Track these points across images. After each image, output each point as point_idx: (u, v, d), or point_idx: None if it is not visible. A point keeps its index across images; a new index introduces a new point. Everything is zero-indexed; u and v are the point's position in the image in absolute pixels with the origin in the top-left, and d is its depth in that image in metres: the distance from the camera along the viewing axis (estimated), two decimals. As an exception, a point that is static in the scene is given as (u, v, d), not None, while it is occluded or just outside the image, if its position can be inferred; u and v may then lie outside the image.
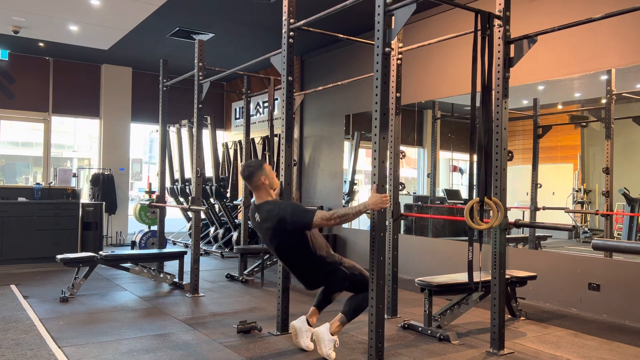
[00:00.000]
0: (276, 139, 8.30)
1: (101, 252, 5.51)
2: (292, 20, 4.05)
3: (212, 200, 9.19)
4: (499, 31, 3.67)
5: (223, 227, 9.21)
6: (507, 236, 3.96)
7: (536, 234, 5.89)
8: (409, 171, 8.04)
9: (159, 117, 6.61)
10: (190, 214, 8.22)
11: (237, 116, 11.20)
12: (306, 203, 8.88)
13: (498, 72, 3.68)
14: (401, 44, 4.73)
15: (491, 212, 3.57)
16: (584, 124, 6.07)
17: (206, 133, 8.98)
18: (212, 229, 9.45)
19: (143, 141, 15.88)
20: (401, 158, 5.00)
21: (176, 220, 11.12)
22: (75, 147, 14.40)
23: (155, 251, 6.53)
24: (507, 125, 3.70)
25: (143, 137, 15.21)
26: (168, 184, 9.60)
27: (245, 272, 6.31)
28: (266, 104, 10.06)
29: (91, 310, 4.76)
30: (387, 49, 3.13)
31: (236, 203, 9.20)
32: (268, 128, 7.62)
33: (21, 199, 7.47)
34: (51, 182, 8.21)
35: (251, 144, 8.46)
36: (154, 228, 8.77)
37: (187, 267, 5.74)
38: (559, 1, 5.27)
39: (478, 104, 3.59)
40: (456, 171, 7.46)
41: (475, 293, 4.19)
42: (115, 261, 5.60)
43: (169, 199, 9.49)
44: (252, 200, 3.72)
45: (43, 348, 3.61)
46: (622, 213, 5.32)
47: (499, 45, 3.68)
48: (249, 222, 8.45)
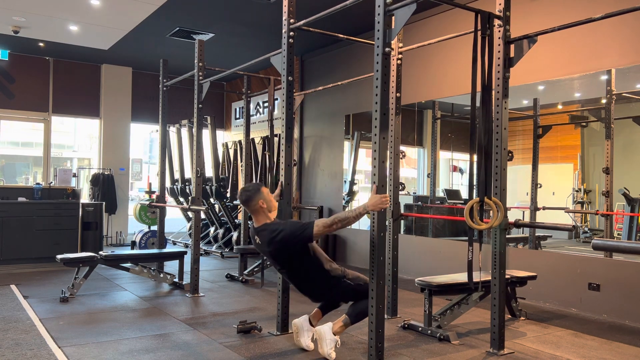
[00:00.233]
0: (276, 139, 8.30)
1: (101, 252, 5.51)
2: (292, 20, 4.05)
3: (212, 200, 9.19)
4: (499, 31, 3.67)
5: (223, 227, 9.21)
6: (507, 236, 3.96)
7: (536, 234, 5.89)
8: (409, 171, 8.03)
9: (159, 117, 6.61)
10: (190, 214, 8.22)
11: (237, 116, 11.19)
12: (306, 203, 8.88)
13: (498, 72, 3.68)
14: (401, 44, 4.73)
15: (491, 212, 3.57)
16: (584, 124, 6.07)
17: (206, 133, 8.98)
18: (212, 229, 9.45)
19: (143, 141, 15.89)
20: (401, 158, 5.00)
21: (176, 220, 11.12)
22: (75, 147, 14.40)
23: (155, 251, 6.53)
24: (507, 125, 3.70)
25: (143, 137, 15.21)
26: (168, 184, 9.60)
27: (245, 272, 6.31)
28: (266, 104, 10.06)
29: (91, 310, 4.76)
30: (387, 49, 3.13)
31: (236, 203, 9.19)
32: (268, 128, 7.62)
33: (21, 199, 7.47)
34: (51, 182, 8.21)
35: (251, 144, 8.46)
36: (154, 228, 8.78)
37: (187, 267, 5.74)
38: (559, 1, 5.27)
39: (478, 104, 3.59)
40: (456, 171, 7.46)
41: (475, 293, 4.19)
42: (115, 261, 5.60)
43: (169, 199, 9.49)
44: (251, 223, 3.74)
45: (43, 348, 3.61)
46: (622, 213, 5.32)
47: (499, 45, 3.68)
48: (249, 223, 8.47)
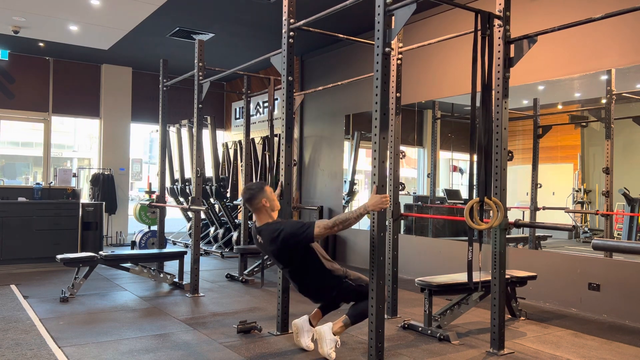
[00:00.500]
0: (276, 139, 8.30)
1: (101, 252, 5.51)
2: (292, 20, 4.05)
3: (212, 200, 9.19)
4: (499, 31, 3.67)
5: (223, 227, 9.21)
6: (507, 236, 3.96)
7: (536, 234, 5.89)
8: (409, 171, 8.03)
9: (159, 117, 6.61)
10: (190, 214, 8.22)
11: (237, 116, 11.20)
12: (306, 203, 8.88)
13: (498, 72, 3.68)
14: (401, 44, 4.73)
15: (491, 212, 3.57)
16: (584, 124, 6.07)
17: (206, 133, 8.98)
18: (212, 229, 9.45)
19: (143, 141, 15.88)
20: (401, 158, 5.00)
21: (176, 220, 11.12)
22: (75, 147, 14.40)
23: (155, 251, 6.53)
24: (507, 125, 3.70)
25: (143, 137, 15.21)
26: (168, 184, 9.60)
27: (245, 272, 6.31)
28: (266, 104, 10.06)
29: (91, 310, 4.76)
30: (387, 49, 3.13)
31: (236, 203, 9.20)
32: (268, 128, 7.62)
33: (21, 199, 7.47)
34: (51, 182, 8.21)
35: (251, 144, 8.46)
36: (154, 228, 8.78)
37: (187, 267, 5.74)
38: (559, 1, 5.27)
39: (478, 104, 3.59)
40: (456, 171, 7.46)
41: (475, 293, 4.19)
42: (115, 261, 5.60)
43: (169, 199, 9.50)
44: (253, 221, 3.74)
45: (43, 348, 3.61)
46: (622, 213, 5.32)
47: (499, 45, 3.68)
48: (249, 223, 8.47)
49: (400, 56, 4.70)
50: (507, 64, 3.69)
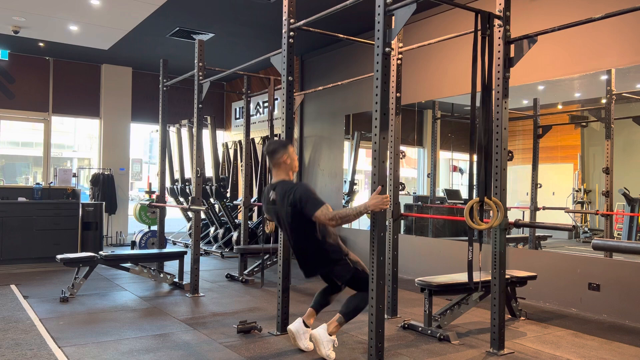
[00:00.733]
0: (276, 139, 8.28)
1: (101, 252, 5.51)
2: (292, 20, 4.05)
3: (212, 200, 9.19)
4: (499, 31, 3.67)
5: (223, 227, 9.21)
6: (507, 236, 3.96)
7: (536, 234, 5.89)
8: (409, 171, 8.04)
9: (159, 117, 6.61)
10: (190, 214, 8.21)
11: (237, 116, 11.20)
12: (306, 203, 8.85)
13: (498, 72, 3.68)
14: (401, 44, 4.73)
15: (491, 212, 3.57)
16: (584, 124, 6.07)
17: (206, 133, 8.99)
18: (212, 229, 9.45)
19: (143, 141, 15.87)
20: (401, 158, 5.00)
21: (176, 220, 11.12)
22: (75, 147, 14.39)
23: (155, 251, 6.53)
24: (507, 125, 3.70)
25: (143, 137, 15.19)
26: (168, 184, 9.60)
27: (245, 272, 6.31)
28: (266, 104, 10.06)
29: (91, 310, 4.76)
30: (387, 49, 3.13)
31: (236, 203, 9.20)
32: (268, 128, 7.62)
33: (21, 199, 7.47)
34: (51, 182, 8.21)
35: (251, 144, 8.46)
36: (154, 228, 8.78)
37: (187, 267, 5.74)
38: (559, 1, 5.27)
39: (478, 104, 3.59)
40: (456, 171, 7.46)
41: (475, 293, 4.19)
42: (115, 261, 5.60)
43: (169, 199, 9.50)
44: (268, 185, 3.70)
45: (43, 348, 3.61)
46: (622, 213, 5.32)
47: (499, 45, 3.68)
48: (249, 223, 8.47)
49: (400, 56, 4.70)
50: (507, 64, 3.69)
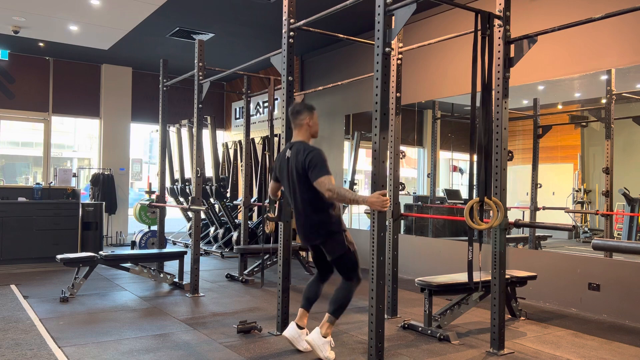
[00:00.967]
0: (276, 139, 8.29)
1: (101, 252, 5.51)
2: (292, 20, 4.05)
3: (212, 200, 9.19)
4: (499, 31, 3.67)
5: (223, 227, 9.21)
6: (507, 236, 3.96)
7: (536, 234, 5.89)
8: (409, 171, 8.04)
9: (159, 117, 6.61)
10: (190, 214, 8.21)
11: (237, 116, 11.20)
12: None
13: (498, 72, 3.68)
14: (401, 44, 4.73)
15: (491, 212, 3.57)
16: (584, 124, 6.07)
17: (206, 133, 8.98)
18: (212, 229, 9.45)
19: (143, 141, 15.86)
20: (401, 158, 5.00)
21: (176, 220, 11.12)
22: (75, 147, 14.38)
23: (155, 251, 6.53)
24: (507, 125, 3.70)
25: (143, 137, 15.18)
26: (168, 184, 9.60)
27: (245, 272, 6.31)
28: (266, 104, 10.06)
29: (91, 310, 4.76)
30: (387, 49, 3.13)
31: (236, 203, 9.20)
32: (268, 128, 7.62)
33: (21, 199, 7.47)
34: (51, 182, 8.21)
35: (251, 144, 8.46)
36: (154, 228, 8.77)
37: (187, 267, 5.74)
38: (559, 1, 5.27)
39: (478, 104, 3.59)
40: (456, 171, 7.46)
41: (475, 293, 4.19)
42: (115, 261, 5.60)
43: (169, 199, 9.49)
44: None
45: (43, 348, 3.61)
46: (622, 213, 5.32)
47: (499, 45, 3.68)
48: (249, 223, 8.47)
49: (400, 56, 4.70)
50: (507, 64, 3.69)
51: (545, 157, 6.03)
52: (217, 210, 9.55)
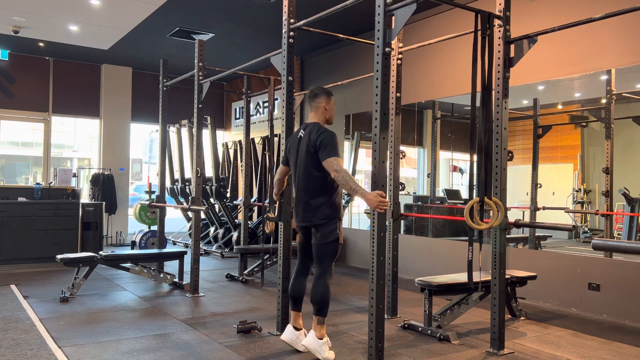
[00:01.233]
0: (276, 139, 8.30)
1: (101, 252, 5.51)
2: (292, 20, 4.05)
3: (212, 200, 9.19)
4: (499, 31, 3.67)
5: (223, 227, 9.21)
6: (507, 236, 3.96)
7: (536, 234, 5.89)
8: (409, 171, 8.04)
9: (159, 117, 6.61)
10: (190, 214, 8.22)
11: (237, 116, 11.20)
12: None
13: (498, 72, 3.68)
14: (401, 44, 4.73)
15: (491, 212, 3.57)
16: (584, 124, 6.07)
17: (206, 133, 8.98)
18: (212, 229, 9.45)
19: (143, 141, 15.86)
20: (401, 158, 5.00)
21: (176, 220, 11.12)
22: (75, 147, 14.38)
23: (155, 251, 6.53)
24: (507, 125, 3.70)
25: (143, 137, 15.19)
26: (168, 184, 9.60)
27: (245, 272, 6.31)
28: (266, 104, 10.06)
29: (91, 310, 4.76)
30: (387, 49, 3.13)
31: (236, 203, 9.20)
32: (268, 128, 7.61)
33: (21, 199, 7.47)
34: (51, 182, 8.21)
35: (251, 144, 8.46)
36: (154, 228, 8.77)
37: (187, 267, 5.74)
38: (559, 1, 5.28)
39: (478, 104, 3.59)
40: (456, 171, 7.46)
41: (475, 293, 4.19)
42: (115, 261, 5.60)
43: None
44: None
45: (43, 348, 3.61)
46: (622, 213, 5.32)
47: (499, 45, 3.68)
48: (249, 223, 8.46)
49: (400, 56, 4.70)
50: (507, 64, 3.69)
51: (545, 157, 6.03)
52: (217, 210, 9.55)
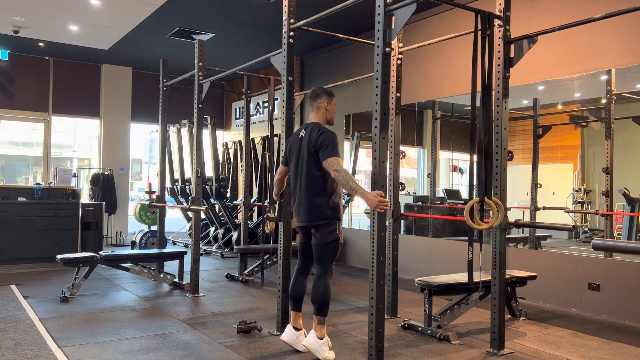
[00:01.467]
0: (276, 139, 8.30)
1: (101, 252, 5.51)
2: (292, 20, 4.05)
3: (212, 200, 9.19)
4: (499, 31, 3.67)
5: (223, 227, 9.21)
6: (507, 236, 3.96)
7: (536, 234, 5.89)
8: (409, 171, 8.04)
9: (159, 117, 6.61)
10: (190, 214, 8.22)
11: (237, 116, 11.20)
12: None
13: (498, 72, 3.68)
14: (401, 44, 4.73)
15: (491, 212, 3.57)
16: (584, 124, 6.07)
17: (206, 133, 8.98)
18: (212, 229, 9.45)
19: (143, 141, 15.88)
20: (401, 158, 5.00)
21: (176, 220, 11.12)
22: (75, 147, 14.39)
23: (155, 251, 6.53)
24: (507, 125, 3.70)
25: (143, 137, 15.21)
26: (168, 184, 9.60)
27: (245, 272, 6.31)
28: (266, 104, 10.06)
29: (91, 310, 4.76)
30: (387, 49, 3.13)
31: (236, 203, 9.20)
32: (268, 128, 7.61)
33: (21, 199, 7.47)
34: (51, 182, 8.21)
35: (251, 144, 8.46)
36: (154, 228, 8.78)
37: (187, 267, 5.74)
38: (559, 1, 5.28)
39: (478, 104, 3.59)
40: (456, 171, 7.46)
41: (475, 293, 4.19)
42: (115, 261, 5.60)
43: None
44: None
45: (43, 348, 3.61)
46: (622, 213, 5.32)
47: (499, 45, 3.68)
48: (249, 223, 8.46)
49: (400, 56, 4.70)
50: (507, 64, 3.69)
51: (545, 157, 6.04)
52: (217, 210, 9.55)
